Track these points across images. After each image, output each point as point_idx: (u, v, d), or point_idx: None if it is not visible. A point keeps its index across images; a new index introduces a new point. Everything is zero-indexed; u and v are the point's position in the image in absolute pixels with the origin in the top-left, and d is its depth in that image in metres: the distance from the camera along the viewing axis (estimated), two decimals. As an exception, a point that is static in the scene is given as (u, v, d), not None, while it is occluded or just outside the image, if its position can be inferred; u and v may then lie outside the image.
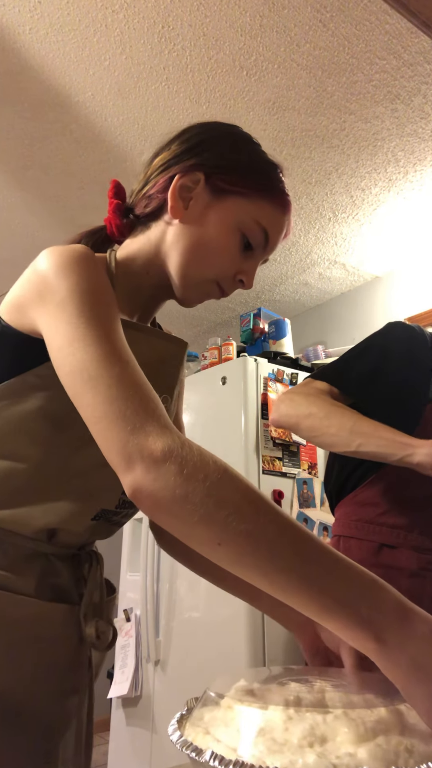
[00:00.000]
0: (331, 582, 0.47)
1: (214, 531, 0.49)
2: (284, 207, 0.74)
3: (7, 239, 2.78)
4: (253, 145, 0.77)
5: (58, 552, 0.70)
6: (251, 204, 0.72)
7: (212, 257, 0.72)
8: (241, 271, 0.74)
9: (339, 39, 1.72)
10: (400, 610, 0.46)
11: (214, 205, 0.72)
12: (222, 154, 0.74)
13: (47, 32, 1.74)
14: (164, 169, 0.75)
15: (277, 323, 2.58)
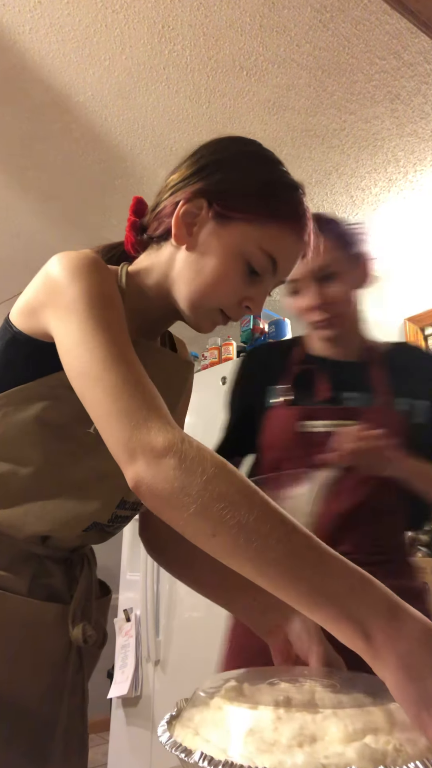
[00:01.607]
0: (321, 577, 0.48)
1: (209, 523, 0.50)
2: (297, 231, 0.71)
3: (7, 239, 2.78)
4: (268, 165, 0.74)
5: (51, 554, 0.71)
6: (257, 230, 0.69)
7: (214, 286, 0.70)
8: (247, 297, 0.72)
9: (339, 39, 1.72)
10: (391, 607, 0.46)
11: (218, 231, 0.70)
12: (228, 178, 0.72)
13: (47, 32, 1.74)
14: (173, 192, 0.74)
15: (277, 323, 2.58)
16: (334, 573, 0.48)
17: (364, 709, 0.43)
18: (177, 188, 0.74)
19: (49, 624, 0.67)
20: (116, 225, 2.65)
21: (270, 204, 0.70)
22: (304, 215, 0.72)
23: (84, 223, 2.67)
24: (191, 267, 0.71)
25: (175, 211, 0.71)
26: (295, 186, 0.74)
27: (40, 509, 0.67)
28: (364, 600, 0.46)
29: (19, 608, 0.65)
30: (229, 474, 0.53)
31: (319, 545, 0.50)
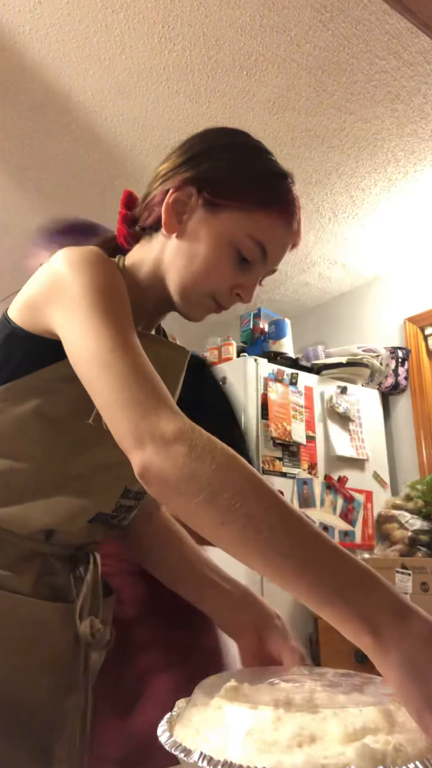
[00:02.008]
0: (329, 571, 0.48)
1: (217, 511, 0.51)
2: (286, 218, 0.72)
3: (7, 239, 2.79)
4: (256, 154, 0.75)
5: (56, 552, 0.70)
6: (246, 217, 0.70)
7: (205, 273, 0.71)
8: (238, 285, 0.73)
9: (339, 39, 1.72)
10: (398, 607, 0.46)
11: (208, 219, 0.71)
12: (217, 166, 0.73)
13: (47, 32, 1.74)
14: (163, 181, 0.75)
15: (277, 323, 2.58)
16: (343, 568, 0.48)
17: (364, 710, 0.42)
18: (166, 177, 0.74)
19: (54, 624, 0.67)
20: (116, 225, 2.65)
21: (259, 192, 0.71)
22: (292, 203, 0.73)
23: (84, 223, 2.67)
24: (182, 255, 0.72)
25: (165, 199, 0.72)
26: (284, 174, 0.74)
27: (44, 503, 0.67)
28: (372, 596, 0.46)
29: (23, 608, 0.64)
30: (238, 464, 0.53)
31: (328, 539, 0.50)
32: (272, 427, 2.23)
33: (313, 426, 2.40)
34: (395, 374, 2.78)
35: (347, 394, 2.58)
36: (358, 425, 2.58)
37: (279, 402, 2.29)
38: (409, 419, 2.76)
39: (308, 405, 2.41)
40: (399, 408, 2.83)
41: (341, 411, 2.50)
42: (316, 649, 2.07)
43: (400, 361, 2.79)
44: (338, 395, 2.53)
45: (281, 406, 2.29)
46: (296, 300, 3.39)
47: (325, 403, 2.48)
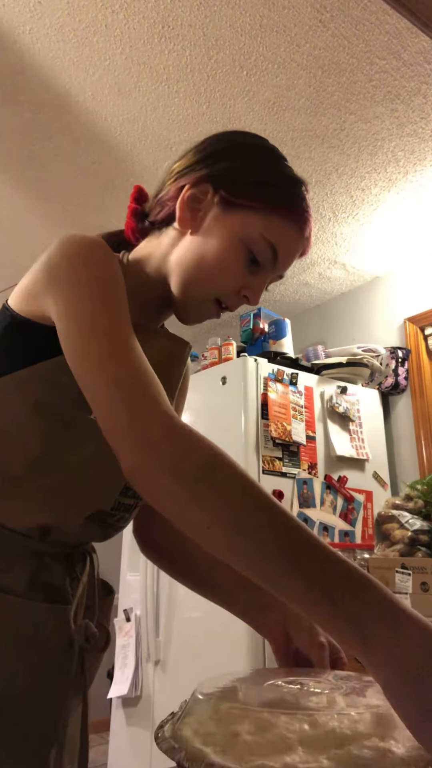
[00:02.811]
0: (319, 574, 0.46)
1: (204, 513, 0.50)
2: (299, 224, 0.72)
3: (7, 239, 2.78)
4: (273, 158, 0.75)
5: (51, 551, 0.69)
6: (261, 218, 0.70)
7: (215, 271, 0.71)
8: (246, 286, 0.72)
9: (339, 39, 1.72)
10: (390, 609, 0.44)
11: (223, 218, 0.71)
12: (235, 166, 0.73)
13: (47, 32, 1.74)
14: (178, 178, 0.75)
15: (277, 323, 2.58)
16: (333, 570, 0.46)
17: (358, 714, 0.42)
18: (182, 174, 0.74)
19: (49, 627, 0.65)
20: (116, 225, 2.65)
21: (275, 195, 0.71)
22: (306, 210, 0.73)
23: (84, 223, 2.67)
24: (193, 251, 0.72)
25: (180, 195, 0.72)
26: (300, 181, 0.74)
27: (42, 497, 0.66)
28: (363, 600, 0.45)
29: (16, 609, 0.63)
30: (225, 464, 0.52)
31: (318, 541, 0.48)
32: (272, 427, 2.23)
33: (313, 426, 2.40)
34: (395, 374, 2.78)
35: (347, 394, 2.58)
36: (358, 425, 2.58)
37: (279, 402, 2.29)
38: (409, 419, 2.76)
39: (308, 405, 2.41)
40: (399, 408, 2.83)
41: (341, 411, 2.50)
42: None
43: (400, 361, 2.79)
44: (338, 395, 2.53)
45: (281, 406, 2.29)
46: (296, 300, 3.39)
47: (325, 403, 2.49)
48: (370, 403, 2.72)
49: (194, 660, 2.08)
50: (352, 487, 2.46)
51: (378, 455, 2.64)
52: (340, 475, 2.43)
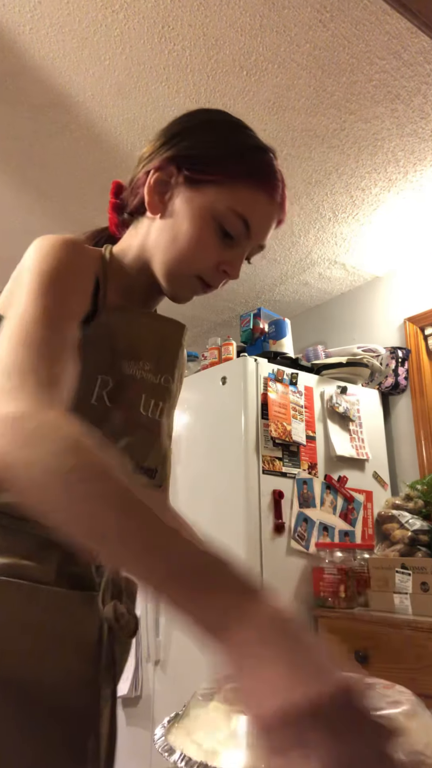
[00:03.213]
0: (165, 556, 0.45)
1: (50, 498, 0.48)
2: (268, 191, 0.71)
3: (7, 239, 2.78)
4: (234, 130, 0.75)
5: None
6: (227, 191, 0.69)
7: (190, 250, 0.71)
8: (224, 261, 0.72)
9: (339, 39, 1.72)
10: (240, 593, 0.42)
11: (190, 196, 0.71)
12: (196, 143, 0.73)
13: (47, 32, 1.74)
14: (145, 164, 0.76)
15: (277, 323, 2.58)
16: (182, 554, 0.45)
17: None
18: (149, 159, 0.75)
19: (80, 613, 0.65)
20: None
21: (239, 165, 0.71)
22: (273, 176, 0.72)
23: (84, 223, 2.66)
24: (166, 234, 0.72)
25: (147, 180, 0.73)
26: (264, 148, 0.74)
27: None
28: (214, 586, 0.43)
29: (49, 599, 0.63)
30: (78, 449, 0.50)
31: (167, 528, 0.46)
32: (272, 427, 2.23)
33: (313, 426, 2.40)
34: (395, 374, 2.78)
35: (347, 394, 2.58)
36: (358, 425, 2.58)
37: (279, 402, 2.29)
38: (409, 419, 2.76)
39: (308, 405, 2.41)
40: (399, 408, 2.83)
41: (341, 411, 2.50)
42: (316, 649, 2.07)
43: (400, 361, 2.79)
44: (338, 395, 2.53)
45: (281, 406, 2.29)
46: (296, 300, 3.39)
47: (325, 403, 2.48)
48: (370, 403, 2.72)
49: (194, 660, 2.08)
50: (352, 487, 2.46)
51: (378, 455, 2.64)
52: (340, 475, 2.43)
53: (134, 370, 0.72)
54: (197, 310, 3.53)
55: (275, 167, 0.74)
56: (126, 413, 0.70)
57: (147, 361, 0.74)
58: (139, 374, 0.73)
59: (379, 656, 1.82)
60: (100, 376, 0.69)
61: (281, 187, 0.73)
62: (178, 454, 2.40)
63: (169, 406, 0.78)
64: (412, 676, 1.70)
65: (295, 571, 2.17)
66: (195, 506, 2.23)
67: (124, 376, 0.71)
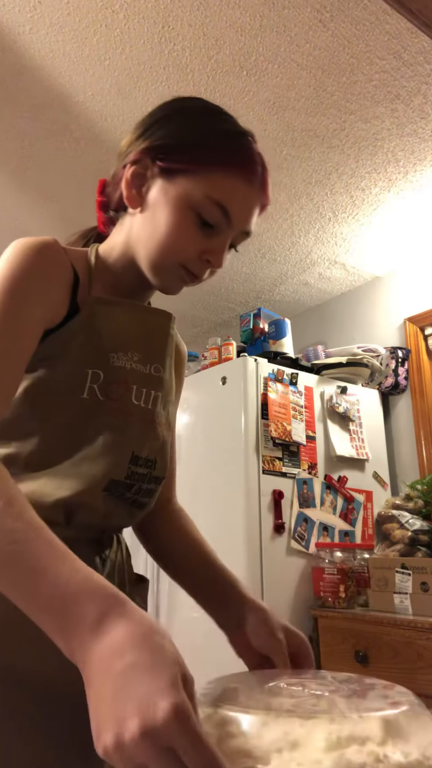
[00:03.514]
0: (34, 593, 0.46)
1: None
2: (245, 176, 0.70)
3: (7, 239, 2.78)
4: (207, 117, 0.74)
5: (79, 536, 0.70)
6: (202, 179, 0.68)
7: (169, 242, 0.70)
8: (206, 250, 0.71)
9: (339, 39, 1.72)
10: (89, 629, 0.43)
11: (166, 187, 0.70)
12: (168, 132, 0.72)
13: (47, 32, 1.74)
14: (123, 157, 0.76)
15: (277, 323, 2.58)
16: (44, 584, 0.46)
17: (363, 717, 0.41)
18: (126, 153, 0.75)
19: None
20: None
21: (212, 151, 0.70)
22: (250, 160, 0.71)
23: (83, 223, 2.67)
24: (146, 227, 0.72)
25: (124, 174, 0.73)
26: (240, 133, 0.73)
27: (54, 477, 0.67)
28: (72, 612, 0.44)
29: None
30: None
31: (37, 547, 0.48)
32: (272, 427, 2.23)
33: (313, 426, 2.40)
34: (395, 374, 2.78)
35: (347, 394, 2.58)
36: (358, 425, 2.58)
37: (279, 402, 2.29)
38: (409, 419, 2.76)
39: (308, 405, 2.41)
40: (399, 408, 2.83)
41: (341, 411, 2.50)
42: (315, 649, 2.08)
43: (400, 361, 2.79)
44: (338, 395, 2.53)
45: (281, 406, 2.29)
46: (296, 300, 3.39)
47: (325, 403, 2.48)
48: (370, 403, 2.72)
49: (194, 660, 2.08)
50: (352, 487, 2.46)
51: (378, 455, 2.64)
52: (340, 475, 2.43)
53: (123, 362, 0.72)
54: (197, 310, 3.53)
55: (252, 151, 0.72)
56: (118, 404, 0.71)
57: (135, 351, 0.74)
58: (129, 365, 0.73)
59: (379, 656, 1.82)
60: (89, 370, 0.69)
61: (260, 171, 0.72)
62: (178, 454, 2.40)
63: (164, 396, 0.78)
64: (412, 676, 1.70)
65: (295, 571, 2.17)
66: (195, 506, 2.23)
67: (113, 368, 0.71)
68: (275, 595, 2.05)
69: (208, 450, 2.31)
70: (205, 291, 3.29)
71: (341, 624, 1.97)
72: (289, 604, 2.09)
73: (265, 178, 0.73)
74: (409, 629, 1.76)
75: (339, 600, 2.06)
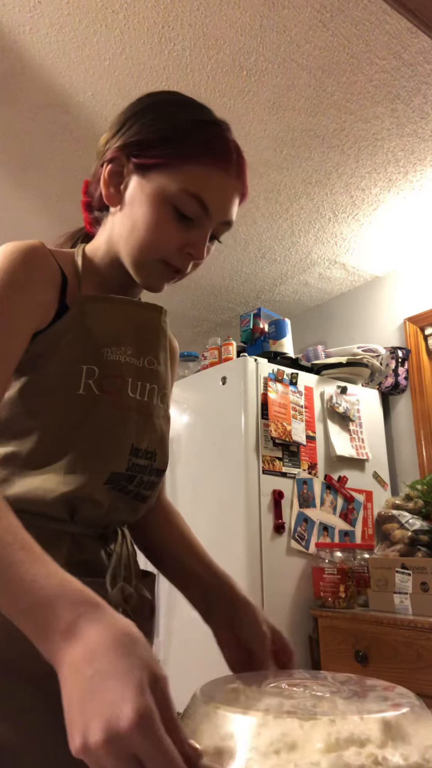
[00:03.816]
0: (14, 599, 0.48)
1: None
2: (220, 165, 0.69)
3: (8, 239, 2.78)
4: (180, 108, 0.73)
5: (84, 532, 0.70)
6: (176, 172, 0.68)
7: (149, 237, 0.70)
8: (186, 243, 0.71)
9: (339, 39, 1.72)
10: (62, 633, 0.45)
11: (141, 183, 0.71)
12: (141, 128, 0.72)
13: (47, 32, 1.74)
14: (101, 156, 0.76)
15: (277, 323, 2.58)
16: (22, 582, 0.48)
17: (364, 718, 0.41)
18: (103, 152, 0.76)
19: None
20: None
21: (184, 144, 0.69)
22: (223, 150, 0.71)
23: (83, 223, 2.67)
24: (126, 224, 0.72)
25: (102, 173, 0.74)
26: (212, 123, 0.72)
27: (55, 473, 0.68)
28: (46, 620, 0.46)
29: None
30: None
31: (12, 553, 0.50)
32: (272, 427, 2.23)
33: (313, 426, 2.40)
34: (395, 374, 2.78)
35: (347, 394, 2.58)
36: (358, 425, 2.58)
37: (279, 402, 2.29)
38: (409, 419, 2.76)
39: (308, 405, 2.41)
40: (399, 408, 2.83)
41: (341, 411, 2.50)
42: (316, 649, 2.07)
43: (400, 361, 2.79)
44: (338, 395, 2.53)
45: (281, 406, 2.29)
46: (296, 300, 3.39)
47: (325, 403, 2.48)
48: (370, 403, 2.72)
49: (194, 660, 2.08)
50: (352, 487, 2.46)
51: (378, 455, 2.64)
52: (340, 475, 2.43)
53: (117, 356, 0.73)
54: (197, 310, 3.53)
55: (226, 140, 0.72)
56: (115, 398, 0.71)
57: (128, 345, 0.74)
58: (123, 359, 0.73)
59: (379, 656, 1.82)
60: (84, 366, 0.70)
61: (235, 159, 0.71)
62: (178, 454, 2.40)
63: (160, 388, 0.78)
64: (412, 676, 1.70)
65: (295, 571, 2.17)
66: (195, 506, 2.23)
67: (108, 362, 0.72)
68: (275, 595, 2.05)
69: (208, 450, 2.31)
70: (205, 291, 3.29)
71: (341, 624, 1.98)
72: (289, 604, 2.09)
73: (241, 167, 0.72)
74: (409, 629, 1.76)
75: (339, 600, 2.06)
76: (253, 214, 2.58)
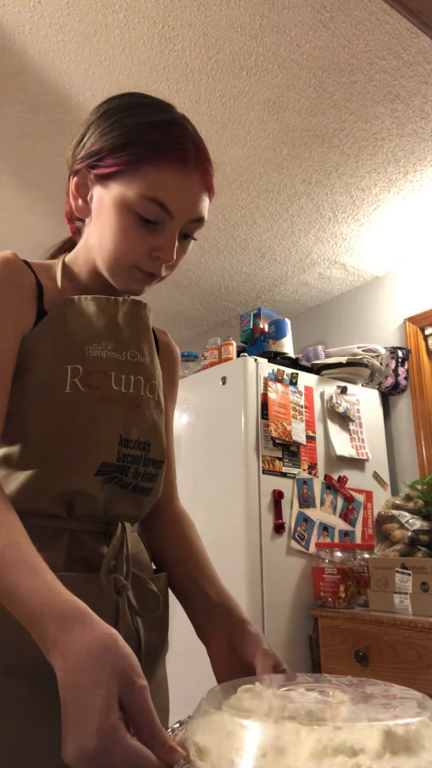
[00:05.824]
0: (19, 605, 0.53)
1: None
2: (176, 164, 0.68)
3: (7, 239, 2.78)
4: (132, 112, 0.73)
5: (84, 528, 0.71)
6: (134, 178, 0.68)
7: (116, 246, 0.71)
8: (155, 247, 0.71)
9: (339, 39, 1.72)
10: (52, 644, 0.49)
11: (104, 193, 0.71)
12: (96, 138, 0.72)
13: (47, 32, 1.74)
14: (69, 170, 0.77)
15: (277, 323, 2.58)
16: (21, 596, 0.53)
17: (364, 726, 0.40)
18: (71, 164, 0.76)
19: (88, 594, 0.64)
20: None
21: (135, 147, 0.69)
22: (177, 148, 0.70)
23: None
24: (96, 234, 0.74)
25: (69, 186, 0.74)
26: (166, 122, 0.72)
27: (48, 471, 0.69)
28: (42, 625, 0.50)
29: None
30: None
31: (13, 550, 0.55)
32: (272, 427, 2.23)
33: (313, 426, 2.40)
34: (395, 374, 2.78)
35: (347, 394, 2.58)
36: (358, 425, 2.58)
37: (279, 402, 2.29)
38: (409, 419, 2.76)
39: (308, 405, 2.41)
40: (399, 408, 2.83)
41: (341, 411, 2.50)
42: (316, 649, 2.07)
43: (400, 361, 2.79)
44: (338, 395, 2.53)
45: (281, 406, 2.29)
46: (296, 300, 3.39)
47: (325, 403, 2.48)
48: (370, 403, 2.72)
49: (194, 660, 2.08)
50: (352, 487, 2.46)
51: (378, 455, 2.64)
52: (340, 475, 2.43)
53: (98, 352, 0.73)
54: (197, 310, 3.53)
55: (180, 137, 0.71)
56: (99, 392, 0.72)
57: (108, 341, 0.75)
58: (105, 354, 0.74)
59: (379, 656, 1.82)
60: (68, 366, 0.71)
61: (193, 153, 0.70)
62: (178, 454, 2.40)
63: (147, 379, 0.78)
64: (412, 676, 1.70)
65: (295, 571, 2.17)
66: (195, 506, 2.23)
67: (90, 359, 0.72)
68: (275, 595, 2.05)
69: (208, 450, 2.31)
70: (205, 291, 3.29)
71: (341, 624, 1.98)
72: (289, 604, 2.09)
73: (201, 161, 0.71)
74: (409, 629, 1.76)
75: (339, 600, 2.06)
76: (253, 214, 2.58)
